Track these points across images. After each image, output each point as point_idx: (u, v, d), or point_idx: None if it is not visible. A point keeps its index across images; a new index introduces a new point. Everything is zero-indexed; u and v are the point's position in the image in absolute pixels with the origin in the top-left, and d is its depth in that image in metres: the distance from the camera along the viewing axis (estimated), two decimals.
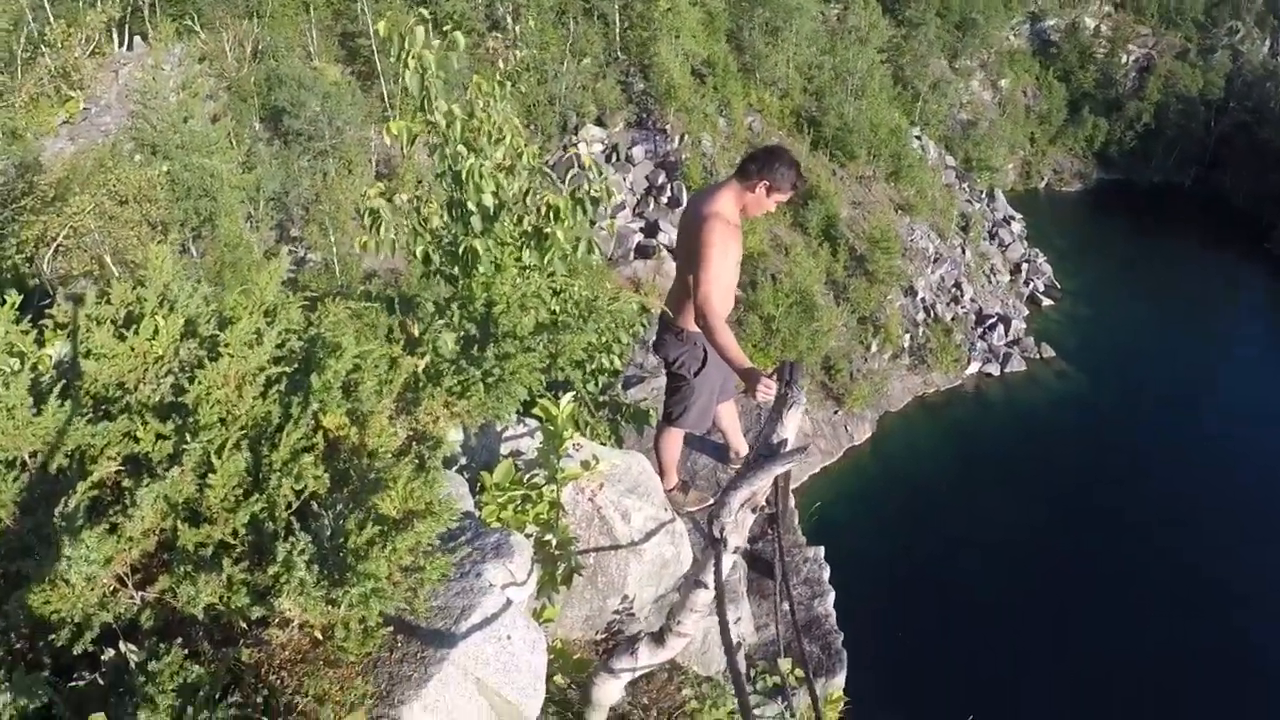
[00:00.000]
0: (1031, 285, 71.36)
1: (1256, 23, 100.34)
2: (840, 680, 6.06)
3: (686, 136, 57.76)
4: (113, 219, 21.09)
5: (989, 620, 40.74)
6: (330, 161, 43.78)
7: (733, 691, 4.90)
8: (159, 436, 2.84)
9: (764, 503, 6.37)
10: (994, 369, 62.29)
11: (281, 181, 41.59)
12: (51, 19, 35.41)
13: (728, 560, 3.23)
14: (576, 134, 54.52)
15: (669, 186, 56.55)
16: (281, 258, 3.80)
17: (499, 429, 4.54)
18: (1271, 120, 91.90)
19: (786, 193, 5.16)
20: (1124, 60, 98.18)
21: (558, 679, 4.35)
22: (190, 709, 2.37)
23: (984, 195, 78.66)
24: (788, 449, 3.21)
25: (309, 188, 42.52)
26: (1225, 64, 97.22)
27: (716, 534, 3.15)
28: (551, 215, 5.54)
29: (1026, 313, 67.88)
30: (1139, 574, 43.93)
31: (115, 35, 41.03)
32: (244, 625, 2.70)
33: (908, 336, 60.32)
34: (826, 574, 6.93)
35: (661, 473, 6.10)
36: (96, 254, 20.18)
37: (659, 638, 3.66)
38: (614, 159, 56.09)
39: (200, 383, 2.92)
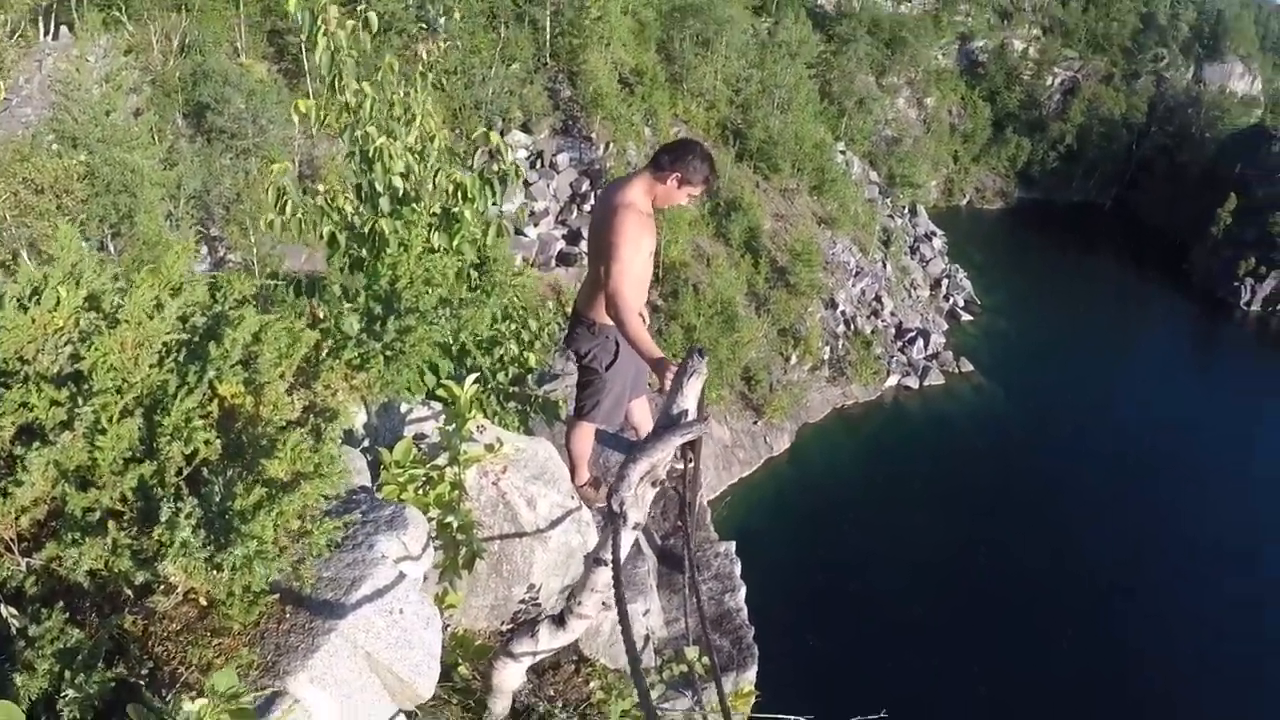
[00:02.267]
0: (951, 300, 72.64)
1: (1181, 50, 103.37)
2: (751, 674, 6.08)
3: (612, 145, 57.86)
4: (29, 209, 20.58)
5: (903, 624, 41.55)
6: (253, 160, 43.10)
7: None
8: (53, 403, 2.77)
9: (668, 483, 6.39)
10: (913, 382, 63.27)
11: (203, 179, 40.85)
12: None
13: (628, 536, 3.20)
14: (503, 138, 54.31)
15: (592, 194, 56.60)
16: (185, 244, 3.73)
17: (402, 410, 4.49)
18: (1191, 144, 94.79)
19: (698, 186, 5.10)
20: (1049, 82, 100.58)
21: (462, 669, 4.30)
22: (69, 673, 2.32)
23: (906, 211, 79.95)
24: (688, 419, 3.18)
25: (230, 186, 41.81)
26: (1149, 89, 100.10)
27: (616, 508, 3.11)
28: (460, 195, 5.50)
29: (946, 327, 69.07)
30: (1047, 582, 45.10)
31: (41, 24, 40.10)
32: (129, 593, 2.65)
33: (828, 349, 61.00)
34: (738, 569, 6.95)
35: (572, 468, 6.03)
36: (13, 248, 19.71)
37: (560, 620, 3.65)
38: (539, 165, 56.02)
39: (96, 349, 2.86)
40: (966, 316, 72.11)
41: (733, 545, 7.15)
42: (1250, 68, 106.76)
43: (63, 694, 2.29)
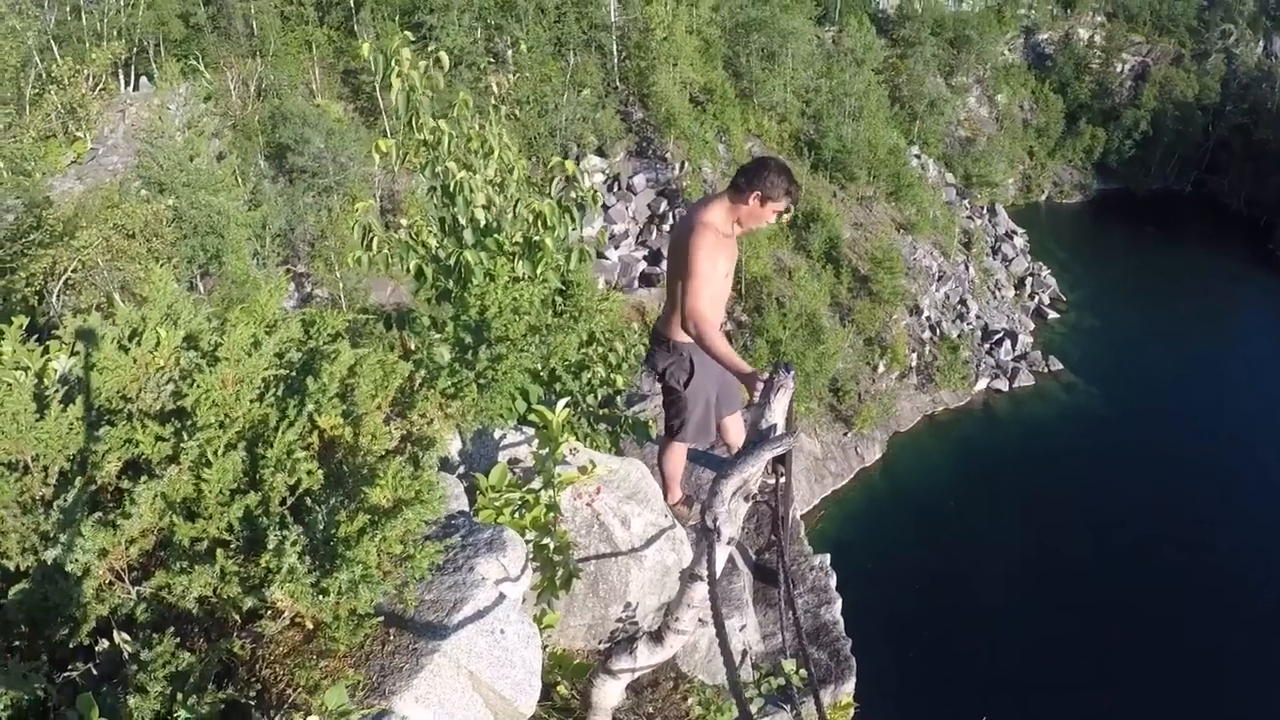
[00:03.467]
0: (1036, 299, 71.34)
1: (1249, 25, 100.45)
2: (849, 687, 6.04)
3: (687, 164, 58.01)
4: (120, 253, 21.24)
5: (1000, 633, 40.69)
6: (335, 198, 44.05)
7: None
8: (158, 439, 2.89)
9: (760, 498, 6.38)
10: (1002, 384, 62.16)
11: (287, 218, 41.88)
12: (59, 58, 35.79)
13: (722, 551, 3.22)
14: (578, 164, 54.79)
15: (671, 214, 56.75)
16: (280, 279, 3.84)
17: (496, 436, 4.56)
18: (1268, 121, 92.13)
19: (781, 200, 5.08)
20: (1119, 69, 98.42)
21: (561, 688, 4.35)
22: (180, 695, 2.40)
23: (985, 211, 78.78)
24: (777, 434, 3.20)
25: (314, 224, 42.81)
26: (1220, 68, 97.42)
27: (709, 524, 3.13)
28: (540, 224, 5.58)
29: (1033, 326, 67.83)
30: (1152, 587, 43.72)
31: (121, 76, 41.50)
32: (237, 618, 2.74)
33: (914, 355, 60.26)
34: (833, 581, 6.91)
35: (665, 487, 6.05)
36: (106, 290, 20.34)
37: (657, 636, 3.66)
38: (615, 188, 56.36)
39: (198, 386, 2.97)
40: (1053, 314, 70.71)
41: (827, 558, 7.12)
42: None
43: (174, 715, 2.37)
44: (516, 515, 4.09)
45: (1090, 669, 38.65)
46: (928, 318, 62.26)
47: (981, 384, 61.95)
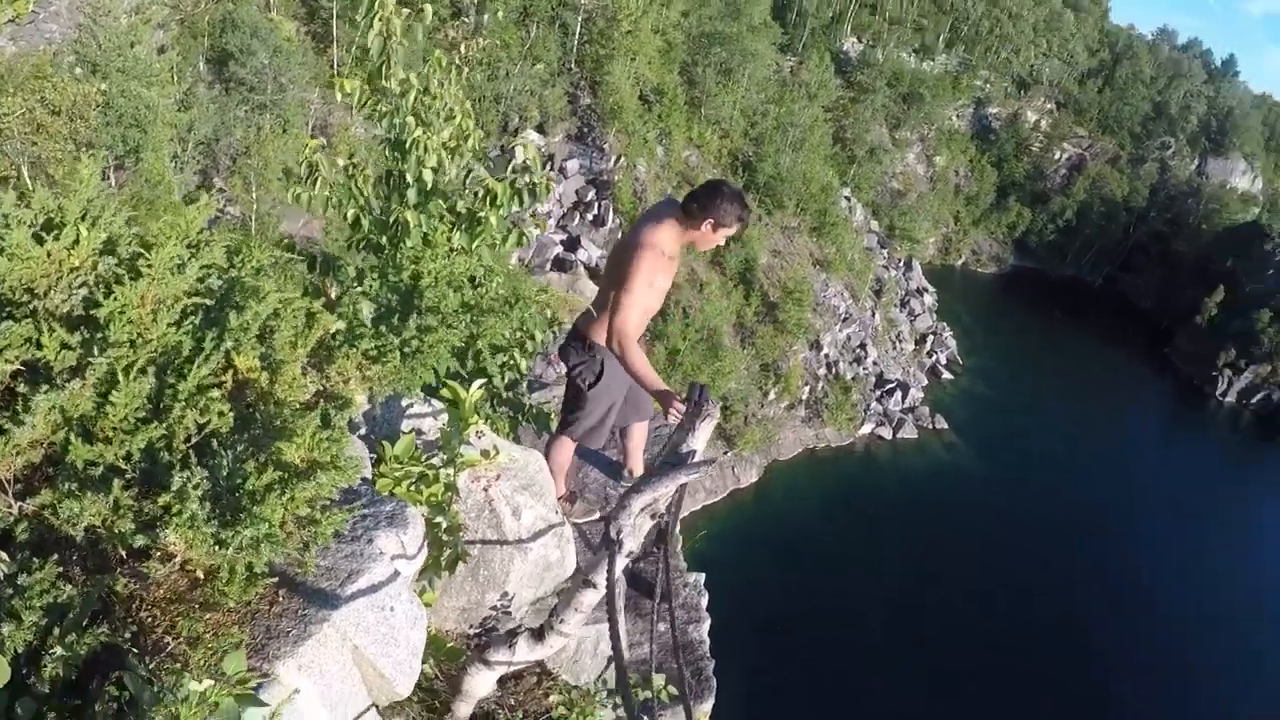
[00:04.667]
0: (935, 357, 73.04)
1: (1189, 141, 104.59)
2: (708, 707, 6.07)
3: (623, 158, 57.96)
4: (41, 129, 20.41)
5: (857, 664, 41.92)
6: (267, 117, 42.93)
7: (601, 703, 4.88)
8: (64, 346, 2.72)
9: (665, 517, 6.38)
10: (886, 432, 63.53)
11: (214, 127, 40.65)
12: None
13: (621, 563, 3.21)
14: (516, 136, 54.29)
15: (596, 205, 56.66)
16: (208, 200, 3.70)
17: (404, 404, 4.47)
18: (1187, 234, 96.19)
19: (733, 226, 5.12)
20: (1057, 157, 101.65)
21: (427, 667, 4.28)
22: (57, 630, 2.28)
23: (902, 264, 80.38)
24: (695, 460, 3.20)
25: (241, 139, 41.61)
26: (1152, 175, 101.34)
27: (614, 535, 3.12)
28: (488, 200, 5.48)
29: (925, 383, 69.47)
30: (998, 631, 45.98)
31: None
32: (123, 555, 2.61)
33: (807, 389, 61.18)
34: (705, 601, 6.94)
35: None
36: (16, 162, 19.54)
37: (539, 634, 3.63)
38: (548, 168, 56.00)
39: (116, 299, 2.82)
40: (947, 375, 72.53)
41: (702, 577, 7.15)
42: (1253, 165, 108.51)
43: (49, 650, 2.25)
44: (414, 489, 4.01)
45: (944, 705, 40.06)
46: (826, 355, 63.25)
47: (867, 428, 63.18)
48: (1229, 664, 47.74)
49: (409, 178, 5.20)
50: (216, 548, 2.49)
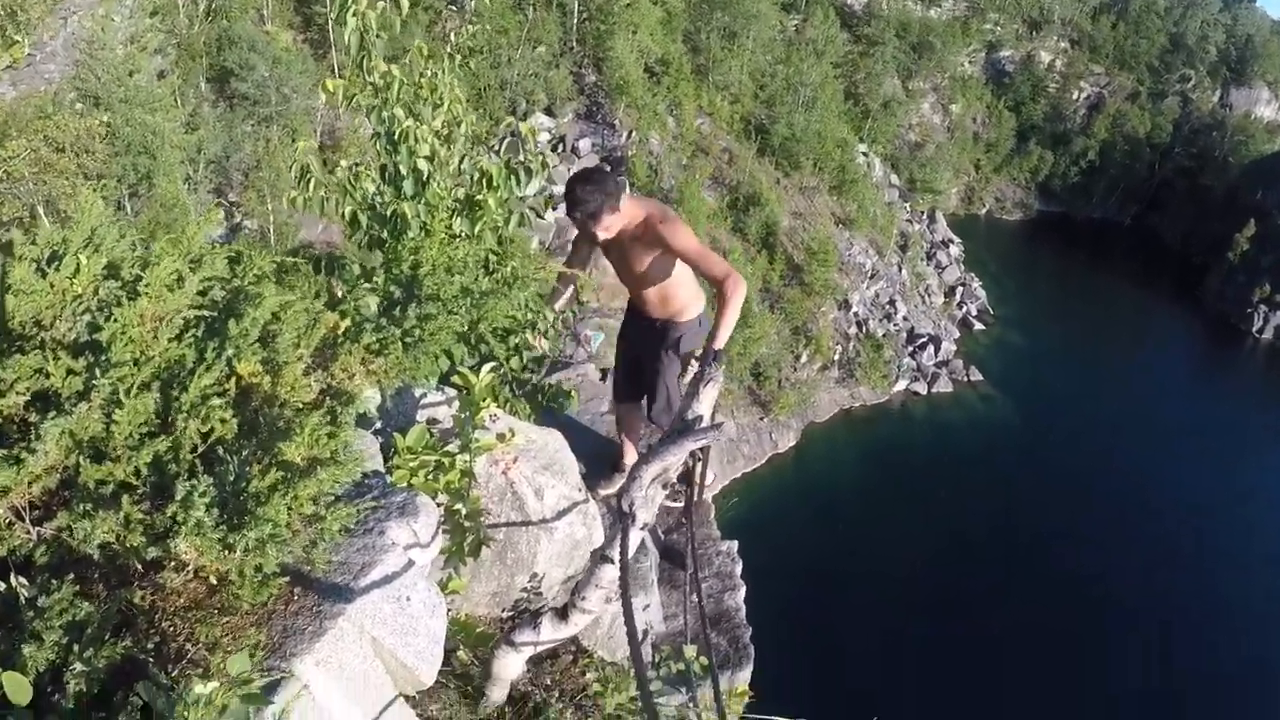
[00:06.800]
0: (965, 309, 72.49)
1: (1209, 73, 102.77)
2: (746, 674, 6.10)
3: (635, 133, 57.79)
4: (48, 167, 20.58)
5: (898, 629, 41.62)
6: (274, 128, 43.11)
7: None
8: (70, 372, 2.78)
9: (677, 486, 6.41)
10: (921, 388, 63.22)
11: (223, 145, 40.88)
12: None
13: (635, 536, 3.22)
14: (525, 120, 54.20)
15: None
16: (211, 211, 3.73)
17: (417, 395, 4.50)
18: (1214, 168, 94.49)
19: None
20: (1075, 97, 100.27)
21: (461, 654, 4.33)
22: (77, 646, 2.33)
23: (925, 216, 79.81)
24: (702, 425, 3.20)
25: (251, 153, 41.85)
26: (1174, 110, 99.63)
27: (626, 508, 3.13)
28: (484, 183, 5.51)
29: (958, 335, 68.98)
30: (1043, 592, 45.30)
31: None
32: (139, 567, 2.66)
33: (838, 350, 60.99)
34: (739, 569, 6.96)
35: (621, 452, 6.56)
36: (29, 203, 19.72)
37: (563, 613, 3.66)
38: (560, 149, 55.94)
39: (116, 321, 2.87)
40: (979, 326, 72.00)
41: (735, 545, 7.17)
42: (1277, 94, 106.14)
43: (70, 666, 2.30)
44: (431, 478, 4.04)
45: (986, 667, 39.78)
46: (856, 314, 63.00)
47: (901, 385, 62.94)
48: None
49: (403, 169, 5.23)
50: (225, 552, 2.53)
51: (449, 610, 4.36)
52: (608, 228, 5.20)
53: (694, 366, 4.07)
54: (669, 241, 5.13)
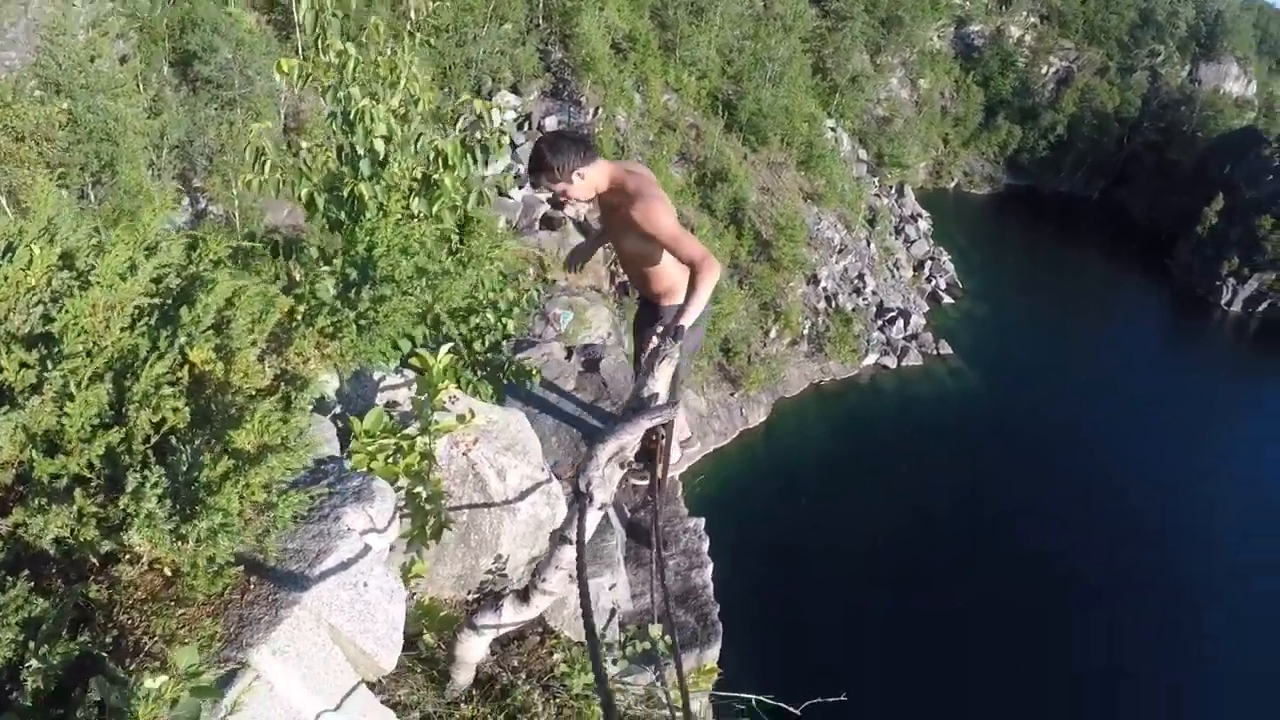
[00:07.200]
0: (934, 282, 72.82)
1: (1179, 48, 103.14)
2: (714, 652, 6.11)
3: (601, 110, 57.47)
4: (9, 156, 20.30)
5: (868, 606, 41.80)
6: (238, 112, 42.56)
7: (602, 658, 4.92)
8: (23, 365, 2.75)
9: (639, 465, 6.41)
10: (890, 362, 63.50)
11: (187, 129, 40.32)
12: None
13: (593, 516, 3.22)
14: (490, 99, 53.79)
15: None
16: (166, 196, 3.69)
17: (376, 378, 4.48)
18: (1181, 142, 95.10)
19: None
20: (1044, 71, 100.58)
21: (427, 638, 4.32)
22: (33, 643, 2.32)
23: (893, 191, 79.99)
24: (658, 403, 3.19)
25: (214, 137, 41.30)
26: (1143, 84, 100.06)
27: (582, 488, 3.12)
28: (440, 162, 5.47)
29: (926, 309, 69.28)
30: (1011, 567, 45.66)
31: None
32: (95, 561, 2.65)
33: (808, 324, 61.12)
34: (706, 545, 6.97)
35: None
36: None
37: (524, 595, 3.66)
38: (527, 127, 55.57)
39: (67, 311, 2.84)
40: (948, 299, 72.35)
41: (702, 521, 7.18)
42: (1245, 70, 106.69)
43: (26, 664, 2.29)
44: (390, 461, 4.03)
45: (950, 641, 40.07)
46: (824, 289, 63.13)
47: (870, 359, 63.18)
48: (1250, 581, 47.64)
49: (360, 149, 5.20)
50: (178, 544, 2.52)
51: (413, 595, 4.36)
52: (571, 198, 5.10)
53: (654, 343, 4.05)
54: (641, 223, 5.03)
